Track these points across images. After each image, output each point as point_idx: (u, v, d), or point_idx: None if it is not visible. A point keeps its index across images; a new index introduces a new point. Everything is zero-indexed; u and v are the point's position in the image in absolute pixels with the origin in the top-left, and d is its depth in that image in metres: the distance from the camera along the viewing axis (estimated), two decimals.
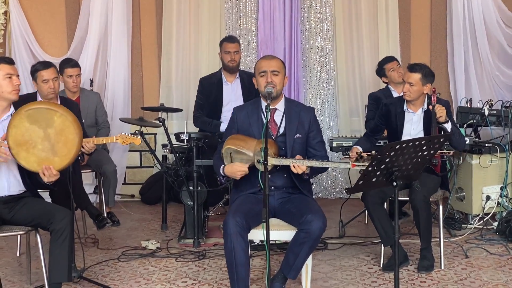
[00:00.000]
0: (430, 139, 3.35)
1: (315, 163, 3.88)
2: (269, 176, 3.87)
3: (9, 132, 3.74)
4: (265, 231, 3.40)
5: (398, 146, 3.20)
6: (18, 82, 3.99)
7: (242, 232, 3.70)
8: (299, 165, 3.85)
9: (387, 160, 3.22)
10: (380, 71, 6.16)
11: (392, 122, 4.98)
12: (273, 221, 3.94)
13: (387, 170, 3.30)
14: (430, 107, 4.62)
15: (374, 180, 3.33)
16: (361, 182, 3.33)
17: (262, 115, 4.08)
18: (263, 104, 4.11)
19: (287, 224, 3.94)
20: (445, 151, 4.67)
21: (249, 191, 4.04)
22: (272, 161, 3.85)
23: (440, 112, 4.58)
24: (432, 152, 3.41)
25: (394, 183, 3.32)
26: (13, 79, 3.96)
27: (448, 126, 4.65)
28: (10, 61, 4.02)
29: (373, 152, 3.78)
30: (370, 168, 3.24)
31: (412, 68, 4.78)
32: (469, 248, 5.10)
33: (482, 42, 7.09)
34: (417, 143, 3.28)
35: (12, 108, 4.02)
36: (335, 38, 7.31)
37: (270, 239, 3.56)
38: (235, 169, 3.92)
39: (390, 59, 6.12)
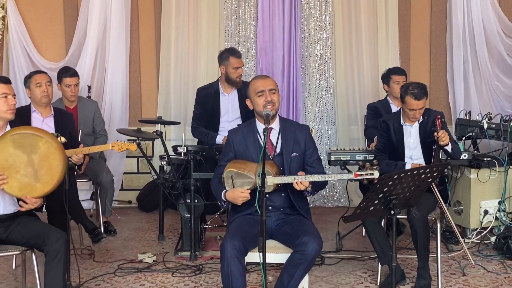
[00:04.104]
0: (430, 168, 3.33)
1: (318, 177, 3.84)
2: (267, 195, 3.86)
3: None
4: (261, 259, 3.37)
5: (396, 176, 3.18)
6: (13, 102, 3.98)
7: (239, 255, 3.68)
8: (301, 181, 3.82)
9: (385, 189, 3.20)
10: (386, 78, 6.09)
11: (391, 136, 4.98)
12: (269, 243, 3.92)
13: (385, 199, 3.29)
14: (435, 133, 4.63)
15: (371, 208, 3.31)
16: (358, 211, 3.30)
17: (258, 136, 4.06)
18: (258, 125, 4.09)
19: (284, 247, 3.92)
20: None
21: (247, 211, 4.01)
22: (275, 180, 3.83)
23: (444, 138, 4.61)
24: (430, 180, 3.39)
25: (392, 211, 3.30)
26: (9, 99, 3.95)
27: (449, 147, 4.67)
28: (6, 81, 4.00)
29: (375, 161, 3.76)
30: (368, 198, 3.21)
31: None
32: (467, 265, 5.08)
33: (481, 51, 7.05)
34: (415, 172, 3.26)
35: (8, 127, 4.00)
36: (334, 46, 7.27)
37: (267, 261, 3.54)
38: (237, 195, 3.88)
39: (400, 72, 6.05)
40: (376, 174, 3.55)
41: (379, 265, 4.69)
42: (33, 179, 3.76)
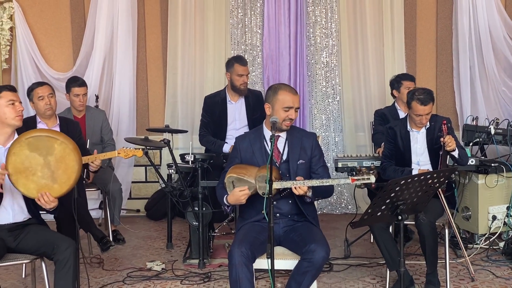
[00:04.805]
0: (437, 173, 3.34)
1: (316, 182, 3.86)
2: (275, 203, 3.88)
3: (9, 159, 3.76)
4: (269, 266, 3.38)
5: (403, 181, 3.19)
6: (21, 108, 4.02)
7: (247, 262, 3.70)
8: (300, 186, 3.83)
9: (392, 195, 3.21)
10: (396, 84, 6.07)
11: (398, 143, 4.99)
12: (277, 249, 3.93)
13: (392, 204, 3.29)
14: (442, 139, 4.64)
15: (379, 214, 3.32)
16: (365, 216, 3.31)
17: (265, 143, 4.08)
18: (266, 132, 4.11)
19: (292, 253, 3.93)
20: None
21: (254, 218, 4.03)
22: (274, 185, 3.84)
23: (451, 144, 4.62)
24: (437, 185, 3.40)
25: (400, 217, 3.31)
26: (16, 105, 4.00)
27: (456, 153, 4.68)
28: (12, 88, 4.07)
29: (372, 165, 3.77)
30: (375, 203, 3.22)
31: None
32: (475, 270, 5.06)
33: (488, 57, 7.05)
34: (422, 177, 3.27)
35: (16, 135, 4.04)
36: (340, 53, 7.28)
37: (275, 268, 3.55)
38: (237, 195, 3.89)
39: (411, 78, 6.05)
40: (372, 179, 3.58)
41: (388, 271, 4.68)
42: (50, 180, 3.79)
